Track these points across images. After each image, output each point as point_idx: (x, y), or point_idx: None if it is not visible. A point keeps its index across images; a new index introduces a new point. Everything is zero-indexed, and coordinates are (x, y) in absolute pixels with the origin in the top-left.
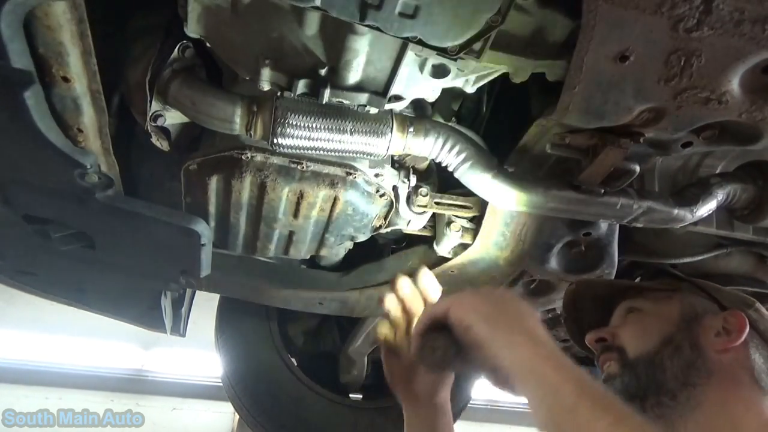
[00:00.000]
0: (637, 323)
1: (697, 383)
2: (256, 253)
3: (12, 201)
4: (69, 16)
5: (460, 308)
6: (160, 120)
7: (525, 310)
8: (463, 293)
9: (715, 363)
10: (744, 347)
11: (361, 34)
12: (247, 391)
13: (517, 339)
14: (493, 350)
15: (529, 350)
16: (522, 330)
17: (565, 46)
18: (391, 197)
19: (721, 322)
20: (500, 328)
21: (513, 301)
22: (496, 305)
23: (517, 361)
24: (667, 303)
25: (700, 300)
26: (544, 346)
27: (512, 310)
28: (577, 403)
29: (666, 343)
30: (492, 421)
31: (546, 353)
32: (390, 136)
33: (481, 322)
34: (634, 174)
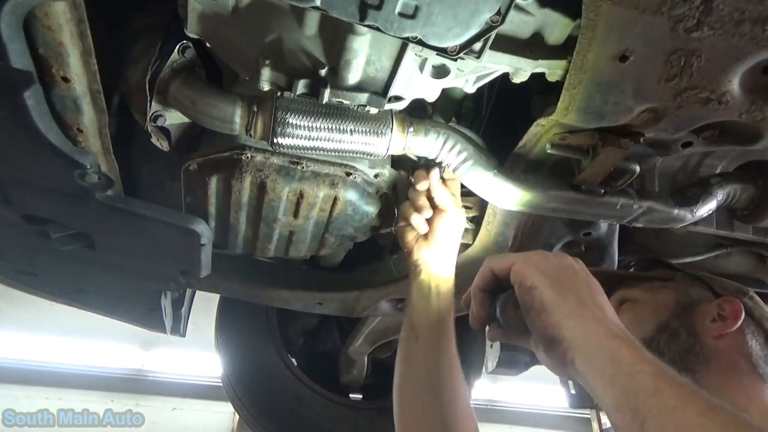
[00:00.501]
0: (631, 312)
1: (696, 369)
2: (256, 253)
3: (12, 201)
4: (69, 16)
5: (524, 266)
6: (160, 120)
7: (594, 283)
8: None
9: (712, 349)
10: (740, 334)
11: (361, 34)
12: (247, 391)
13: (584, 311)
14: (557, 317)
15: (597, 325)
16: (591, 302)
17: (565, 46)
18: (391, 197)
19: (716, 309)
20: (567, 296)
21: (583, 271)
22: (565, 270)
23: (582, 334)
24: (662, 292)
25: (694, 288)
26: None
27: (582, 279)
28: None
29: (662, 329)
30: (492, 421)
31: (616, 331)
32: (390, 136)
33: (547, 284)
34: (634, 174)
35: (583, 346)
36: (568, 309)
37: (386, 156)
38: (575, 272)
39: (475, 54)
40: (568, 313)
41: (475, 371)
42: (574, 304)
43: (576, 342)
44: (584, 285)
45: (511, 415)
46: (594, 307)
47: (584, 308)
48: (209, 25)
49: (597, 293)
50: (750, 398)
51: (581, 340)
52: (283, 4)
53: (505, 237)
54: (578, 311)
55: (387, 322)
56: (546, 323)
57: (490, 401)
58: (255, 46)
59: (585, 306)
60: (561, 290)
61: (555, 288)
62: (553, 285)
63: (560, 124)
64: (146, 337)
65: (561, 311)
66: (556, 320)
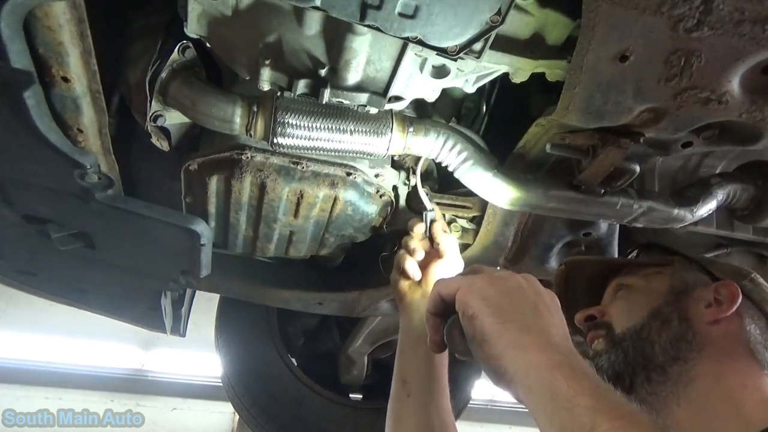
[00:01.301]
0: (625, 299)
1: (689, 357)
2: (256, 253)
3: (12, 201)
4: (69, 16)
5: (467, 293)
6: (160, 120)
7: (543, 303)
8: (476, 276)
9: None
10: (737, 318)
11: (361, 34)
12: (247, 391)
13: (526, 339)
14: (498, 349)
15: (538, 354)
16: (534, 329)
17: (565, 46)
18: (391, 197)
19: (712, 294)
20: (509, 324)
21: (531, 290)
22: (508, 295)
23: (523, 366)
24: (658, 278)
25: (692, 273)
26: (558, 351)
27: (527, 302)
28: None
29: (654, 316)
30: (492, 421)
31: (559, 360)
32: (390, 136)
33: (488, 313)
34: (634, 174)
35: (524, 380)
36: (510, 339)
37: (386, 156)
38: (522, 294)
39: (475, 54)
40: (510, 343)
41: (475, 371)
42: (516, 333)
43: (518, 375)
44: (530, 308)
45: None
46: (537, 333)
47: (526, 336)
48: (209, 25)
49: (545, 314)
50: (745, 387)
51: (522, 373)
52: (283, 4)
53: (505, 237)
54: (520, 341)
55: (387, 322)
56: (488, 355)
57: (490, 401)
58: (255, 46)
59: (527, 333)
60: (502, 318)
61: (496, 316)
62: (495, 313)
63: (560, 124)
64: (146, 337)
65: (502, 342)
66: (498, 352)
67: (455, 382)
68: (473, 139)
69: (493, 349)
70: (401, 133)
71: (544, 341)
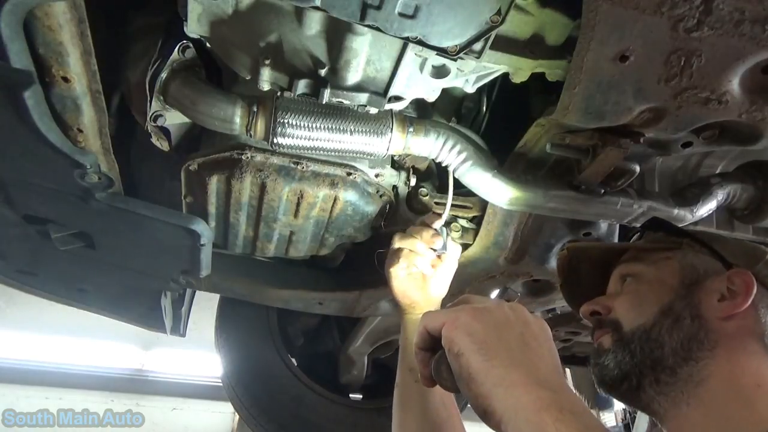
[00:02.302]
0: (633, 292)
1: (700, 357)
2: (256, 253)
3: (12, 201)
4: (69, 16)
5: (452, 329)
6: (160, 120)
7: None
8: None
9: (719, 333)
10: (752, 310)
11: (361, 34)
12: (247, 391)
13: (514, 377)
14: (486, 387)
15: (526, 393)
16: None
17: (565, 46)
18: (391, 197)
19: (725, 284)
20: (496, 361)
21: (518, 322)
22: (495, 329)
23: (510, 406)
24: (666, 265)
25: (702, 258)
26: (546, 387)
27: (514, 335)
28: None
29: (664, 313)
30: None
31: (548, 398)
32: (390, 136)
33: (474, 350)
34: (634, 174)
35: (512, 420)
36: (497, 376)
37: (386, 156)
38: (508, 327)
39: (475, 54)
40: (497, 381)
41: None
42: (503, 369)
43: (506, 416)
44: (517, 342)
45: None
46: (524, 369)
47: (514, 373)
48: (209, 25)
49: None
50: (758, 386)
51: (511, 413)
52: (283, 4)
53: (505, 237)
54: (507, 378)
55: (387, 322)
56: (476, 393)
57: None
58: (255, 46)
59: (515, 370)
60: (489, 355)
61: (482, 353)
62: (481, 350)
63: (560, 124)
64: (146, 337)
65: (489, 380)
66: (486, 391)
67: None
68: (473, 139)
69: (481, 387)
70: (401, 133)
71: (533, 378)
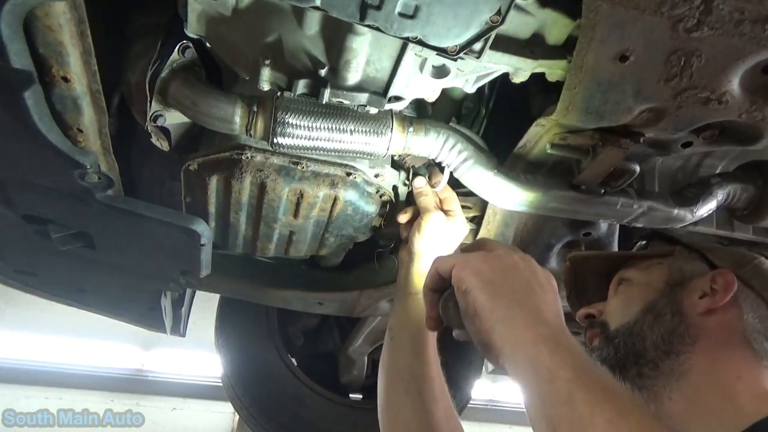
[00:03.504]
0: (623, 294)
1: (681, 351)
2: (256, 253)
3: (12, 201)
4: (69, 16)
5: (462, 268)
6: (160, 120)
7: (537, 281)
8: (473, 253)
9: (700, 327)
10: (733, 307)
11: (361, 34)
12: (247, 391)
13: (516, 314)
14: (489, 323)
15: (526, 329)
16: (525, 305)
17: (565, 46)
18: (391, 197)
19: (708, 283)
20: (500, 300)
21: (526, 269)
22: (503, 272)
23: (510, 340)
24: (656, 270)
25: (691, 263)
26: (546, 326)
27: (520, 279)
28: (572, 393)
29: (647, 311)
30: (492, 421)
31: (546, 334)
32: (390, 136)
33: (481, 288)
34: (634, 174)
35: (511, 354)
36: (500, 314)
37: (386, 156)
38: (516, 272)
39: (475, 54)
40: (500, 318)
41: (475, 371)
42: (506, 309)
43: (506, 350)
44: (523, 286)
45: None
46: (527, 310)
47: (516, 312)
48: (209, 25)
49: (538, 291)
50: (739, 378)
51: (510, 347)
52: (283, 4)
53: (505, 237)
54: (509, 316)
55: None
56: (479, 329)
57: (490, 401)
58: (255, 46)
59: (518, 309)
60: (494, 294)
61: (488, 292)
62: (487, 289)
63: (560, 124)
64: (146, 337)
65: (493, 317)
66: (489, 326)
67: (455, 382)
68: (473, 139)
69: (484, 323)
70: (401, 133)
71: (534, 317)
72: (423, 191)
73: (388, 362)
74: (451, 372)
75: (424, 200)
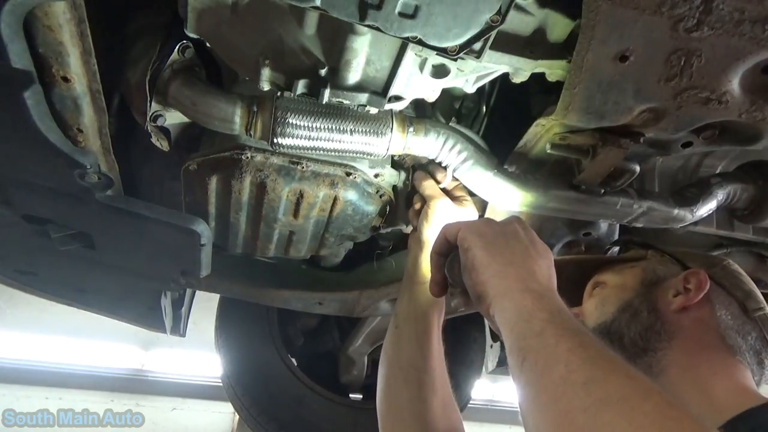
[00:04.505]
0: (598, 296)
1: (658, 348)
2: (256, 253)
3: (12, 201)
4: (69, 16)
5: (467, 230)
6: (160, 120)
7: (534, 249)
8: (480, 219)
9: (674, 324)
10: (706, 305)
11: (361, 34)
12: (247, 391)
13: (510, 271)
14: (484, 276)
15: (517, 282)
16: (520, 265)
17: (565, 46)
18: (391, 197)
19: (681, 283)
20: (498, 257)
21: (526, 237)
22: (503, 235)
23: (501, 291)
24: (630, 272)
25: (664, 265)
26: (537, 283)
27: (519, 245)
28: (544, 328)
29: (623, 309)
30: (492, 421)
31: (535, 288)
32: (390, 136)
33: (481, 247)
34: (634, 174)
35: (500, 302)
36: (495, 269)
37: (386, 156)
38: (516, 238)
39: (475, 54)
40: (494, 272)
41: (475, 371)
42: (501, 265)
43: (496, 299)
44: (520, 249)
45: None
46: (521, 269)
47: (510, 269)
48: (209, 25)
49: (534, 257)
50: (714, 373)
51: (500, 296)
52: (283, 4)
53: None
54: (503, 271)
55: (387, 321)
56: (475, 281)
57: (490, 401)
58: (255, 46)
59: (512, 267)
60: (492, 252)
61: (488, 250)
62: (487, 247)
63: (560, 124)
64: (146, 337)
65: (488, 271)
66: (484, 279)
67: (455, 382)
68: (473, 139)
69: (480, 276)
70: (401, 133)
71: (526, 275)
72: (425, 179)
73: (390, 350)
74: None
75: (428, 188)
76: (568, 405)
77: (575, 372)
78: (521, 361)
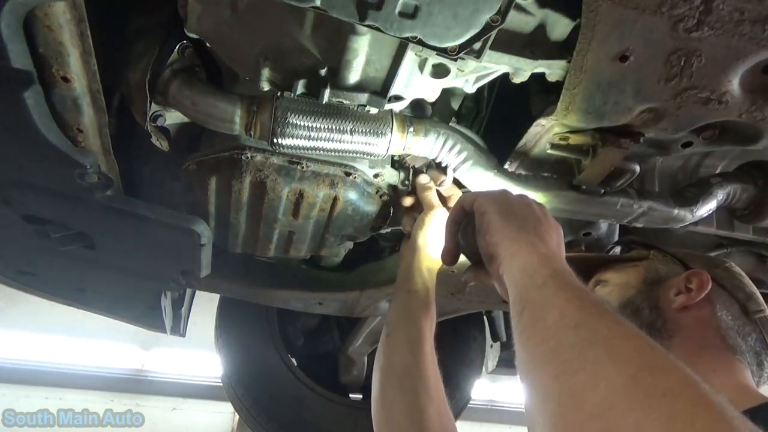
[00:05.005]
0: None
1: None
2: (256, 253)
3: (12, 201)
4: (69, 16)
5: (483, 197)
6: (159, 120)
7: (547, 222)
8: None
9: (676, 323)
10: (707, 305)
11: (361, 34)
12: (247, 391)
13: (522, 236)
14: (497, 238)
15: (528, 245)
16: (532, 232)
17: (565, 46)
18: (390, 197)
19: (683, 282)
20: (512, 223)
21: (539, 210)
22: (519, 206)
23: (510, 252)
24: (632, 271)
25: (666, 265)
26: (546, 248)
27: (533, 215)
28: (546, 282)
29: (625, 306)
30: (492, 421)
31: (544, 252)
32: (390, 136)
33: (496, 212)
34: (634, 174)
35: (509, 262)
36: (507, 233)
37: (386, 156)
38: (530, 209)
39: (475, 54)
40: (507, 235)
41: (475, 371)
42: (515, 231)
43: (506, 260)
44: (532, 219)
45: (511, 415)
46: (533, 235)
47: (522, 234)
48: (209, 25)
49: (546, 227)
50: (714, 371)
51: (509, 257)
52: (283, 4)
53: None
54: (515, 235)
55: None
56: (488, 242)
57: (490, 401)
58: (255, 46)
59: (523, 232)
60: (506, 218)
61: (502, 215)
62: (501, 212)
63: (560, 124)
64: (146, 337)
65: (501, 234)
66: (496, 241)
67: (455, 382)
68: (473, 139)
69: (493, 238)
70: (401, 133)
71: (537, 240)
72: (426, 187)
73: (383, 358)
74: (451, 372)
75: (428, 196)
76: (557, 344)
77: (568, 317)
78: (521, 310)
